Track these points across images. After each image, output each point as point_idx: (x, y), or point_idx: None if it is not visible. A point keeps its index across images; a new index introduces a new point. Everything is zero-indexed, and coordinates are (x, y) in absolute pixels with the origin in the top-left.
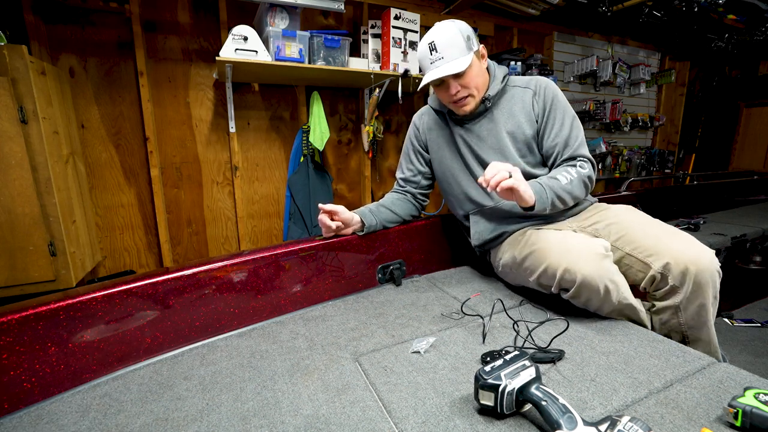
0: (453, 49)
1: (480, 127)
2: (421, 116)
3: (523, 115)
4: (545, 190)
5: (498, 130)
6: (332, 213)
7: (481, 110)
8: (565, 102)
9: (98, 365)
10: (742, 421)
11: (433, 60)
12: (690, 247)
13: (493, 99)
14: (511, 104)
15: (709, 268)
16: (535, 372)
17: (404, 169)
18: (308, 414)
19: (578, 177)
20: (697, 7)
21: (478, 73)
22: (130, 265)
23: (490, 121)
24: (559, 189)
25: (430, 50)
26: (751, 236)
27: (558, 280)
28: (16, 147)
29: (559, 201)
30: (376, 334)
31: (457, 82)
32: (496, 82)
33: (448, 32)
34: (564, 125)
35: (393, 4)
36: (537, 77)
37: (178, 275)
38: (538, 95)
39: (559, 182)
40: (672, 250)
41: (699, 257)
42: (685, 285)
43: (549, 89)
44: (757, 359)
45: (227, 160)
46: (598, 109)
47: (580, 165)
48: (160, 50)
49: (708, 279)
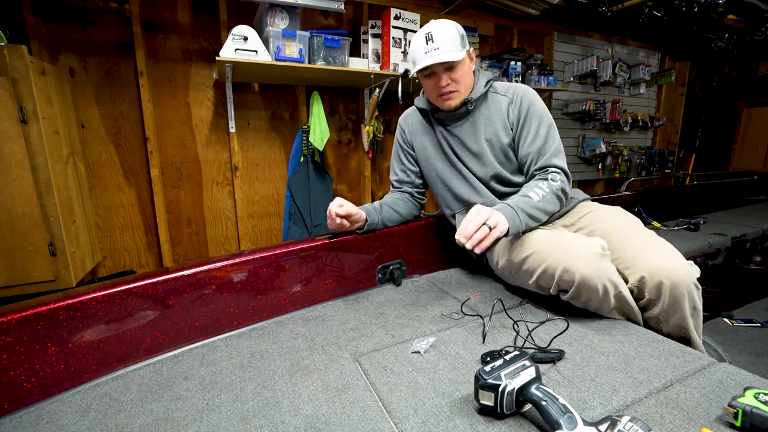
0: (449, 43)
1: (461, 131)
2: (405, 117)
3: (500, 122)
4: (517, 214)
5: (478, 136)
6: (347, 216)
7: (463, 113)
8: (543, 111)
9: (98, 365)
10: (742, 421)
11: (428, 50)
12: (666, 260)
13: (475, 103)
14: (489, 111)
15: (685, 281)
16: (535, 372)
17: (397, 171)
18: (308, 414)
19: (550, 191)
20: (697, 7)
21: (468, 72)
22: (130, 265)
23: (471, 125)
24: (530, 208)
25: (427, 40)
26: (751, 236)
27: (557, 280)
28: (16, 147)
29: (532, 220)
30: (376, 334)
31: (448, 75)
32: (479, 87)
33: (446, 27)
34: (538, 134)
35: (393, 4)
36: (516, 85)
37: (178, 275)
38: (514, 103)
39: (531, 200)
40: (647, 263)
41: (674, 271)
42: (661, 299)
43: (526, 97)
44: (757, 359)
45: (227, 160)
46: (598, 109)
47: (551, 177)
48: (160, 50)
49: (684, 292)
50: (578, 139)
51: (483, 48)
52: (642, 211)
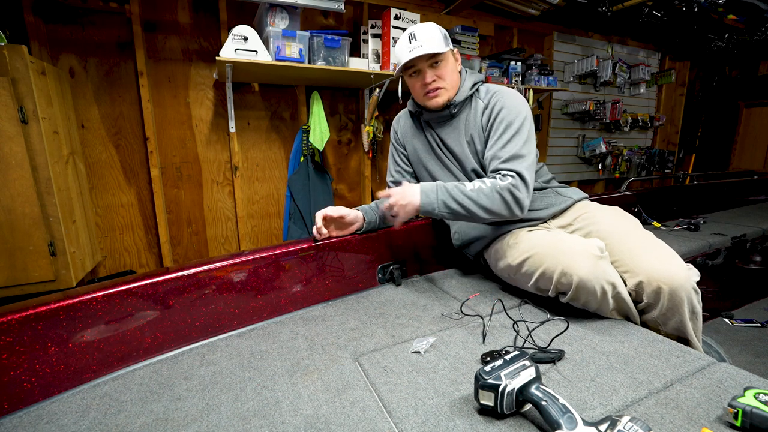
0: (432, 41)
1: (446, 134)
2: (398, 120)
3: (476, 128)
4: (436, 190)
5: (460, 140)
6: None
7: (447, 116)
8: (515, 116)
9: (98, 365)
10: (742, 421)
11: (412, 48)
12: (664, 264)
13: (458, 106)
14: (469, 115)
15: (684, 286)
16: (535, 372)
17: (393, 172)
18: (308, 414)
19: (491, 187)
20: (697, 7)
21: (452, 70)
22: (130, 265)
23: (454, 129)
24: (456, 192)
25: (410, 40)
26: (751, 236)
27: (555, 283)
28: (16, 147)
29: (455, 203)
30: (376, 334)
31: (433, 71)
32: (464, 89)
33: (428, 27)
34: (501, 138)
35: (393, 4)
36: (500, 88)
37: (178, 275)
38: (488, 108)
39: (463, 187)
40: (645, 267)
41: (672, 276)
42: (659, 303)
43: (500, 102)
44: (757, 359)
45: (227, 160)
46: (598, 109)
47: (500, 177)
48: (160, 50)
49: (683, 297)
50: (578, 139)
51: (483, 48)
52: (642, 211)
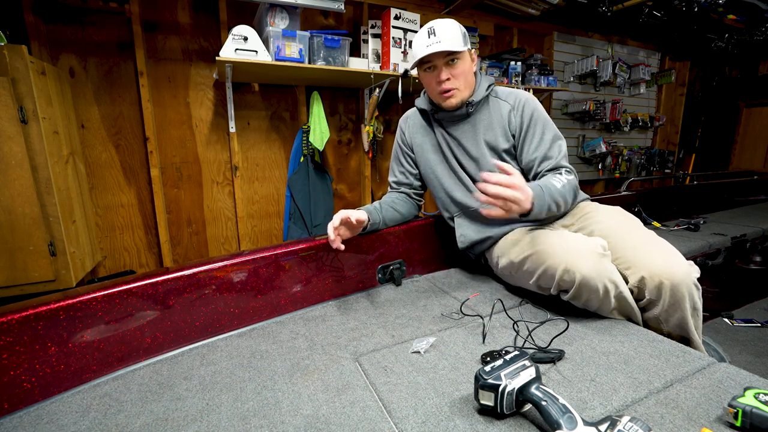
0: (452, 39)
1: (461, 133)
2: (406, 119)
3: (500, 128)
4: (543, 192)
5: (478, 139)
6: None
7: (463, 115)
8: (546, 118)
9: (98, 365)
10: (742, 421)
11: (430, 43)
12: (666, 260)
13: (476, 106)
14: (490, 115)
15: (685, 281)
16: (535, 372)
17: (396, 173)
18: (308, 414)
19: (569, 183)
20: (697, 7)
21: (468, 71)
22: (130, 265)
23: (471, 128)
24: (555, 193)
25: (429, 34)
26: (751, 236)
27: (557, 281)
28: (16, 147)
29: (555, 205)
30: (376, 334)
31: (449, 69)
32: (480, 90)
33: (449, 24)
34: (544, 139)
35: (393, 4)
36: (518, 91)
37: (178, 275)
38: (516, 110)
39: (555, 186)
40: (647, 263)
41: (674, 271)
42: (661, 299)
43: (528, 104)
44: (757, 359)
45: (227, 160)
46: (598, 109)
47: (566, 173)
48: (160, 50)
49: (684, 293)
50: (578, 139)
51: (483, 48)
52: (642, 211)
